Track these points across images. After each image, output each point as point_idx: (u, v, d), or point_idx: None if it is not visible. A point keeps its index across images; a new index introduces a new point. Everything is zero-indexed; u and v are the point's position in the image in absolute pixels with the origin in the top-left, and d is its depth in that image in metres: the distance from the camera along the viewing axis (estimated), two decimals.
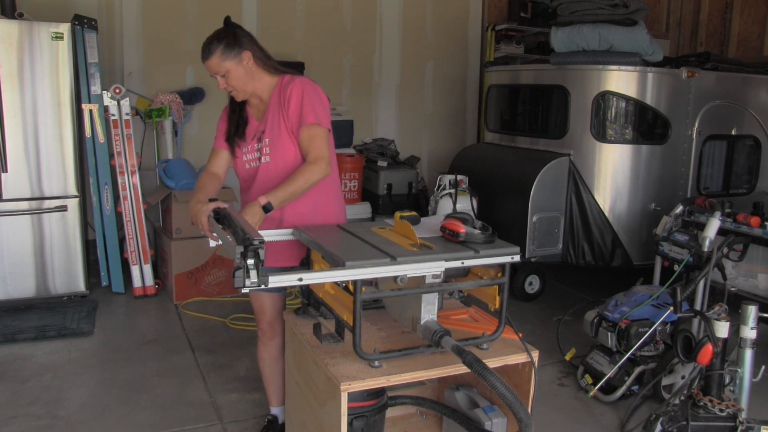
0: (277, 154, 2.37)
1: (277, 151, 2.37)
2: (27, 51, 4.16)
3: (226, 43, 2.30)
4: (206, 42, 2.33)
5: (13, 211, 4.25)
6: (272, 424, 2.76)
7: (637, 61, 4.41)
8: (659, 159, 4.49)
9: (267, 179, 2.38)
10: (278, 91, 2.39)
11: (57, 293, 4.45)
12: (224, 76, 2.32)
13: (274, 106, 2.39)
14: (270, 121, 2.39)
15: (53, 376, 3.40)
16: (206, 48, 2.31)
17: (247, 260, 1.73)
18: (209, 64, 2.31)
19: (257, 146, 2.41)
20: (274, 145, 2.37)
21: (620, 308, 3.28)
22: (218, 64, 2.30)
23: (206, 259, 4.62)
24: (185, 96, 5.31)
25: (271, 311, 2.56)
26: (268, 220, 2.30)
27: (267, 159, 2.39)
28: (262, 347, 2.66)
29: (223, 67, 2.31)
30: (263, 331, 2.61)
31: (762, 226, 3.15)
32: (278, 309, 2.57)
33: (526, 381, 2.11)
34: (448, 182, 4.72)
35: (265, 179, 2.39)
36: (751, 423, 2.60)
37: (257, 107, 2.46)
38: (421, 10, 6.43)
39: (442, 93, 6.68)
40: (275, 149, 2.38)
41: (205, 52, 2.31)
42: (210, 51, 2.30)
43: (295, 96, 2.33)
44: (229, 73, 2.32)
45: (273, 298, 2.55)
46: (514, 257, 2.02)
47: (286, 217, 2.40)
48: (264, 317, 2.58)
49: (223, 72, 2.32)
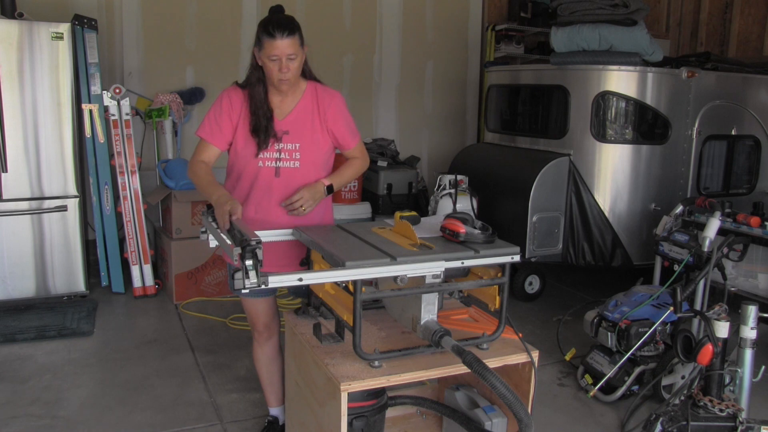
0: (309, 161, 2.36)
1: (309, 158, 2.36)
2: (27, 51, 4.16)
3: (301, 32, 2.26)
4: (284, 21, 2.23)
5: (13, 211, 4.25)
6: (272, 425, 2.76)
7: (637, 61, 4.40)
8: (659, 159, 4.49)
9: (293, 183, 2.35)
10: (314, 97, 2.39)
11: (57, 293, 4.45)
12: (292, 59, 2.24)
13: (306, 110, 2.37)
14: (300, 125, 2.35)
15: (53, 376, 3.40)
16: (288, 27, 2.21)
17: (245, 261, 1.73)
18: (286, 43, 2.20)
19: (277, 146, 2.34)
20: (306, 152, 2.35)
21: (620, 308, 3.27)
22: (294, 46, 2.23)
23: (206, 259, 4.62)
24: (185, 96, 5.31)
25: (266, 314, 2.56)
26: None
27: (296, 164, 2.35)
28: (258, 348, 2.65)
29: (297, 51, 2.24)
30: (259, 333, 2.61)
31: (762, 226, 3.15)
32: (273, 310, 2.58)
33: (526, 381, 2.11)
34: (448, 182, 4.72)
35: (290, 183, 2.35)
36: (751, 423, 2.60)
37: (279, 105, 2.37)
38: (421, 10, 6.43)
39: (442, 93, 6.68)
40: (307, 156, 2.36)
41: (287, 30, 2.20)
42: (293, 31, 2.22)
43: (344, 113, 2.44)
44: (297, 58, 2.26)
45: (267, 302, 2.54)
46: (514, 257, 2.02)
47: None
48: (259, 320, 2.57)
49: (293, 54, 2.23)
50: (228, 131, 2.36)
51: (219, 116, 2.36)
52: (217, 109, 2.37)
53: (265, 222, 2.37)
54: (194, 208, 4.58)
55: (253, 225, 2.25)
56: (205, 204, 2.44)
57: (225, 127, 2.36)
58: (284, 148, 2.34)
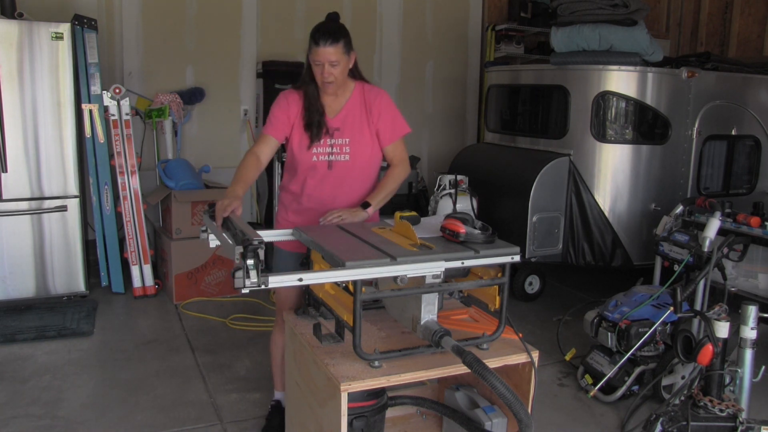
0: (358, 154, 2.54)
1: (358, 152, 2.53)
2: (27, 51, 4.16)
3: (348, 40, 2.44)
4: (330, 29, 2.40)
5: (13, 211, 4.25)
6: (276, 410, 2.80)
7: (637, 61, 4.40)
8: (659, 159, 4.49)
9: (345, 176, 2.54)
10: (361, 96, 2.57)
11: (57, 293, 4.44)
12: (334, 65, 2.40)
13: (355, 108, 2.55)
14: (350, 122, 2.53)
15: (53, 376, 3.40)
16: (332, 35, 2.38)
17: (246, 260, 1.73)
18: (329, 51, 2.37)
19: (329, 141, 2.51)
20: (355, 146, 2.53)
21: (620, 308, 3.27)
22: (337, 53, 2.39)
23: (206, 259, 4.62)
24: (185, 96, 5.32)
25: (294, 299, 2.60)
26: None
27: (346, 158, 2.52)
28: (278, 333, 2.73)
29: (339, 58, 2.40)
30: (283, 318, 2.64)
31: (762, 226, 3.14)
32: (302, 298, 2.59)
33: (526, 381, 2.11)
34: (448, 182, 4.72)
35: (343, 175, 2.53)
36: (751, 423, 2.60)
37: (330, 104, 2.54)
38: (421, 10, 6.43)
39: (442, 93, 6.68)
40: (357, 150, 2.53)
41: (331, 39, 2.37)
42: (336, 40, 2.38)
43: (389, 109, 2.59)
44: (340, 64, 2.42)
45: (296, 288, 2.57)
46: (514, 257, 2.02)
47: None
48: (286, 305, 2.61)
49: (335, 62, 2.39)
50: (285, 124, 2.53)
51: (277, 111, 2.55)
52: (275, 106, 2.57)
53: (319, 209, 2.51)
54: (194, 208, 4.58)
55: (307, 213, 2.54)
56: (206, 204, 2.46)
57: (282, 121, 2.53)
58: (336, 143, 2.52)
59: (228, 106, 5.73)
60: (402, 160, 2.65)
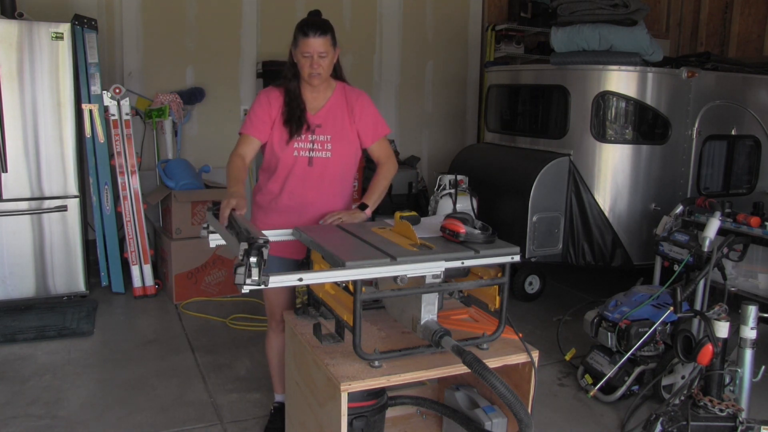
0: (339, 151, 2.55)
1: (339, 149, 2.54)
2: (27, 51, 4.16)
3: (334, 34, 2.48)
4: (318, 22, 2.43)
5: (13, 211, 4.25)
6: (279, 412, 2.79)
7: (637, 61, 4.40)
8: (659, 159, 4.49)
9: (326, 172, 2.54)
10: (343, 95, 2.59)
11: (57, 293, 4.45)
12: (323, 57, 2.42)
13: (337, 106, 2.57)
14: (331, 119, 2.55)
15: (53, 376, 3.40)
16: (321, 27, 2.41)
17: (250, 258, 1.73)
18: (318, 41, 2.40)
19: (311, 137, 2.52)
20: (337, 143, 2.54)
21: (620, 308, 3.27)
22: (326, 45, 2.42)
23: (206, 259, 4.62)
24: (185, 96, 5.31)
25: (285, 305, 2.61)
26: None
27: (327, 154, 2.53)
28: (273, 337, 2.73)
29: (328, 50, 2.43)
30: (277, 323, 2.67)
31: (762, 226, 3.14)
32: (292, 301, 2.61)
33: (526, 381, 2.11)
34: (448, 182, 4.72)
35: (323, 172, 2.54)
36: (751, 423, 2.60)
37: (311, 101, 2.56)
38: (421, 10, 6.43)
39: (442, 93, 6.67)
40: (338, 147, 2.54)
41: (320, 30, 2.40)
42: (325, 32, 2.42)
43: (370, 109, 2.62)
44: (328, 56, 2.45)
45: (287, 292, 2.59)
46: (514, 257, 2.02)
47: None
48: (278, 310, 2.62)
49: (324, 53, 2.42)
50: (267, 124, 2.53)
51: (258, 110, 2.54)
52: (256, 106, 2.56)
53: (299, 207, 2.53)
54: (194, 208, 4.58)
55: (287, 212, 2.52)
56: (206, 204, 2.46)
57: (264, 121, 2.53)
58: (317, 139, 2.52)
59: (228, 106, 5.73)
60: (389, 156, 2.68)
